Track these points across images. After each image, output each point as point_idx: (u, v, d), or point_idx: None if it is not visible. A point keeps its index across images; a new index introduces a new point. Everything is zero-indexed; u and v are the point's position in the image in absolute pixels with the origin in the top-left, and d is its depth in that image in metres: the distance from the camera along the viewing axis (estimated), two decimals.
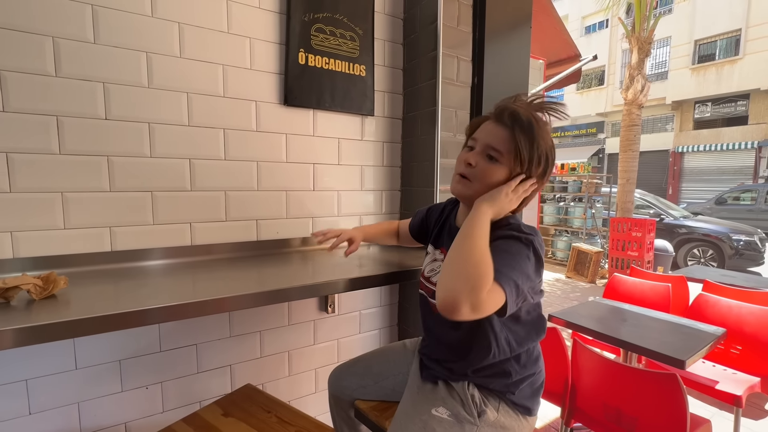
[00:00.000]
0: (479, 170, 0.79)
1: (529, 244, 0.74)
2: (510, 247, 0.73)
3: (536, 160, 0.78)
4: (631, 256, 4.95)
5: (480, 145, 0.80)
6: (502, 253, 0.71)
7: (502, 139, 0.77)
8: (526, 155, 0.76)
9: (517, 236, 0.75)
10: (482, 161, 0.79)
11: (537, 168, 0.79)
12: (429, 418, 0.82)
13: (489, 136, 0.79)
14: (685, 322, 1.66)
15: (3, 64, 0.98)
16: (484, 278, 0.63)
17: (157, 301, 0.83)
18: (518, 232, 0.75)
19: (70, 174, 1.08)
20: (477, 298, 0.62)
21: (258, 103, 1.35)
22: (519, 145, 0.76)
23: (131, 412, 1.20)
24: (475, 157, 0.79)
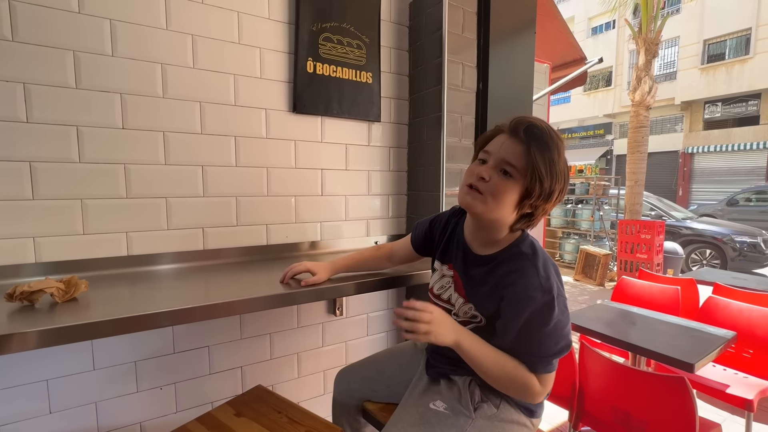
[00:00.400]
0: (492, 185, 0.76)
1: (552, 302, 0.74)
2: (539, 325, 0.74)
3: (554, 178, 0.74)
4: (640, 258, 4.90)
5: (494, 159, 0.77)
6: (535, 336, 0.75)
7: (518, 155, 0.74)
8: (543, 172, 0.72)
9: (539, 300, 0.74)
10: (496, 176, 0.76)
11: (554, 185, 0.75)
12: (425, 410, 0.85)
13: (503, 151, 0.76)
14: (694, 325, 1.65)
15: (28, 77, 1.03)
16: (527, 386, 0.76)
17: (171, 304, 0.86)
18: (540, 292, 0.74)
19: (89, 181, 1.12)
20: (538, 393, 0.76)
21: (268, 111, 1.38)
22: (535, 161, 0.72)
23: (146, 411, 1.23)
24: (488, 171, 0.76)
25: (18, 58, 1.02)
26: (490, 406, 0.85)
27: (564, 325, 0.75)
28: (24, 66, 1.02)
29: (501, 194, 0.75)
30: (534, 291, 0.74)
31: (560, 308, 0.74)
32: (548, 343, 0.74)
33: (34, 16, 1.03)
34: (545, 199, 0.75)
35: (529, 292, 0.74)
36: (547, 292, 0.73)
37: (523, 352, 0.76)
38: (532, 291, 0.74)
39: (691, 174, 13.70)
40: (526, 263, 0.77)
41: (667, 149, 14.00)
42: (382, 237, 1.69)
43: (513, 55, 1.59)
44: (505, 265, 0.79)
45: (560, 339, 0.75)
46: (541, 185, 0.73)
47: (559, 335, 0.75)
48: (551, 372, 0.76)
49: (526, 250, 0.79)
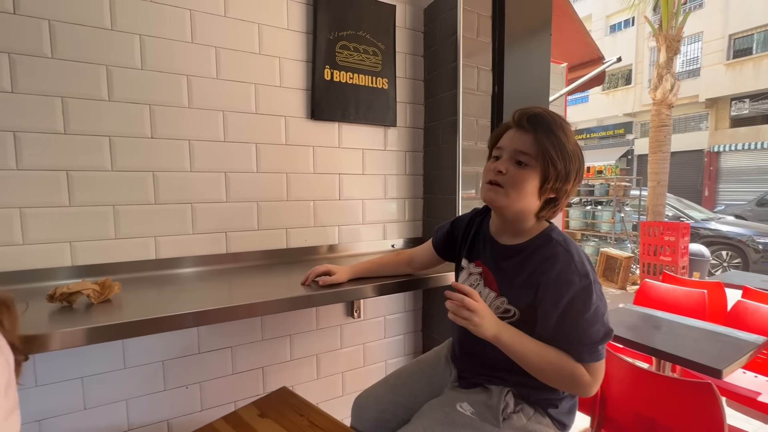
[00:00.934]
0: (510, 176, 0.78)
1: (589, 287, 0.74)
2: (580, 312, 0.74)
3: (567, 159, 0.77)
4: (664, 261, 4.75)
5: (507, 152, 0.80)
6: (577, 324, 0.74)
7: (528, 143, 0.77)
8: (554, 155, 0.76)
9: (578, 285, 0.74)
10: (512, 167, 0.79)
11: (568, 166, 0.77)
12: (452, 411, 0.84)
13: (514, 143, 0.79)
14: (722, 330, 1.60)
15: (65, 91, 1.10)
16: (574, 375, 0.73)
17: (197, 306, 0.90)
18: (576, 276, 0.75)
19: (120, 188, 1.18)
20: (588, 384, 0.73)
21: (287, 118, 1.42)
22: (545, 146, 0.76)
23: (173, 409, 1.28)
24: (504, 164, 0.79)
25: (56, 74, 1.08)
26: (521, 417, 0.83)
27: (603, 311, 0.75)
28: (62, 81, 1.09)
29: (520, 183, 0.78)
30: (572, 275, 0.74)
31: (597, 294, 0.75)
32: (591, 330, 0.74)
33: (71, 34, 1.09)
34: (564, 181, 0.78)
35: (567, 276, 0.74)
36: (584, 276, 0.74)
37: (566, 341, 0.75)
38: (570, 275, 0.74)
39: (718, 173, 13.19)
40: (560, 249, 0.78)
41: (692, 148, 13.53)
42: (399, 240, 1.70)
43: (528, 57, 1.58)
44: (539, 253, 0.79)
45: (602, 325, 0.74)
46: (555, 168, 0.76)
47: (600, 321, 0.74)
48: (599, 360, 0.74)
49: (557, 237, 0.81)
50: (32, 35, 1.05)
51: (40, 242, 1.10)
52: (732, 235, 5.57)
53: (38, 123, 1.08)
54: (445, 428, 0.81)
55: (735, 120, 12.89)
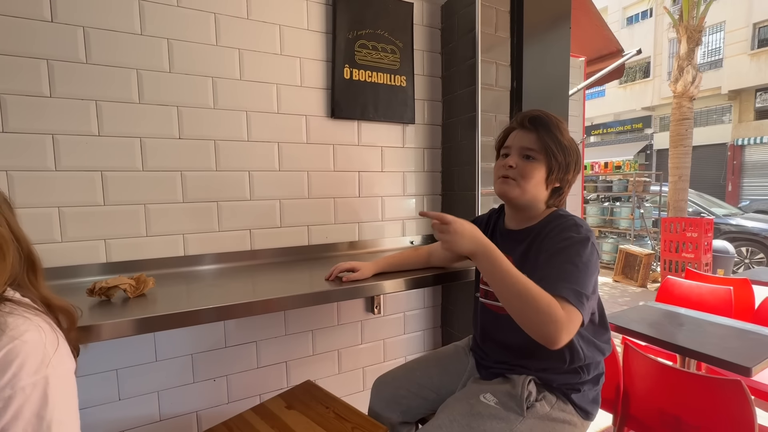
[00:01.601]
0: (520, 170, 0.88)
1: (587, 241, 0.79)
2: (573, 256, 0.77)
3: (566, 152, 0.87)
4: (687, 258, 4.63)
5: (515, 149, 0.90)
6: (567, 265, 0.76)
7: (532, 140, 0.88)
8: (555, 149, 0.86)
9: (576, 237, 0.79)
10: (521, 162, 0.88)
11: (568, 158, 0.88)
12: (476, 402, 0.86)
13: (520, 141, 0.89)
14: (751, 327, 1.56)
15: (99, 95, 1.15)
16: (551, 307, 0.71)
17: (225, 300, 0.93)
18: (575, 232, 0.80)
19: (150, 187, 1.23)
20: (563, 324, 0.70)
21: (308, 117, 1.45)
22: (546, 142, 0.86)
23: (202, 401, 1.32)
24: (514, 159, 0.89)
25: (91, 78, 1.13)
26: (544, 405, 0.85)
27: (594, 269, 0.77)
28: (96, 85, 1.14)
29: (530, 174, 0.87)
30: (569, 231, 0.81)
31: (594, 253, 0.78)
32: (578, 275, 0.74)
33: (104, 40, 1.14)
34: (565, 171, 0.88)
35: (566, 233, 0.81)
36: (583, 234, 0.80)
37: (550, 278, 0.75)
38: (568, 232, 0.81)
39: (742, 168, 12.74)
40: (563, 220, 0.85)
41: (714, 142, 13.10)
42: (417, 237, 1.71)
43: (547, 52, 1.57)
44: (546, 228, 0.86)
45: (589, 282, 0.75)
46: (557, 160, 0.87)
47: (589, 279, 0.76)
48: (577, 307, 0.72)
49: (563, 213, 0.89)
50: (69, 42, 1.10)
51: (77, 239, 1.15)
52: (756, 230, 5.36)
53: (75, 126, 1.13)
54: (470, 419, 0.83)
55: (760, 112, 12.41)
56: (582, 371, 0.87)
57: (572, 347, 0.84)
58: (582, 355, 0.85)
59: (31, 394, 0.47)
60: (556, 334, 0.69)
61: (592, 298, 0.76)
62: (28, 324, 0.50)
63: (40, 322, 0.52)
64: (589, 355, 0.86)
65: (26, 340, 0.48)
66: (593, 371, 0.89)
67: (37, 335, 0.50)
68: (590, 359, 0.86)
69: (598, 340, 0.89)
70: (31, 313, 0.52)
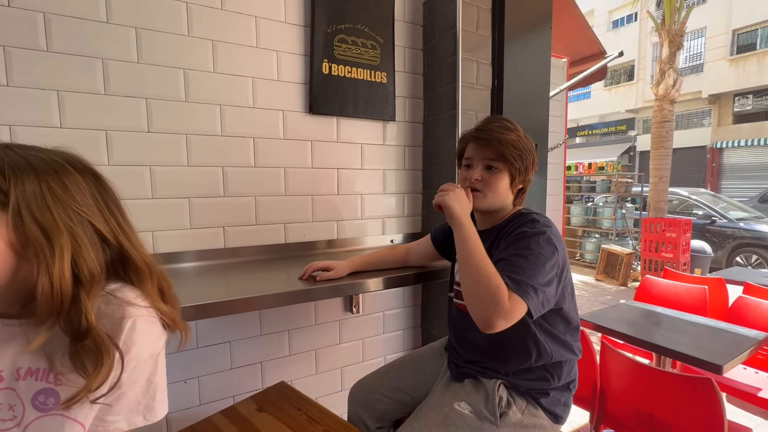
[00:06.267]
0: (486, 181, 0.90)
1: (540, 234, 0.80)
2: (521, 249, 0.79)
3: (523, 157, 0.90)
4: (666, 257, 4.74)
5: (476, 161, 0.92)
6: (515, 258, 0.77)
7: (492, 153, 0.90)
8: (514, 156, 0.89)
9: (529, 232, 0.81)
10: (485, 174, 0.91)
11: (526, 162, 0.91)
12: (450, 411, 0.85)
13: (479, 153, 0.91)
14: (723, 326, 1.59)
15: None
16: (499, 290, 0.72)
17: (195, 300, 0.90)
18: (530, 227, 0.82)
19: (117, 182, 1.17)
20: (503, 310, 0.71)
21: (285, 112, 1.41)
22: (506, 151, 0.88)
23: (171, 403, 1.26)
24: (479, 172, 0.91)
25: (49, 67, 1.08)
26: (516, 411, 0.85)
27: (545, 260, 0.77)
28: (56, 74, 1.08)
29: (495, 185, 0.90)
30: (524, 227, 0.84)
31: (546, 244, 0.79)
32: (525, 267, 0.76)
33: (66, 27, 1.08)
34: (525, 173, 0.92)
35: (520, 229, 0.84)
36: (537, 228, 0.82)
37: (501, 269, 0.77)
38: (523, 227, 0.84)
39: (720, 170, 13.13)
40: (522, 218, 0.89)
41: (694, 144, 13.46)
42: (398, 235, 1.70)
43: (529, 51, 1.57)
44: (507, 227, 0.90)
45: (539, 272, 0.76)
46: (516, 167, 0.90)
47: (539, 268, 0.76)
48: (523, 300, 0.73)
49: (524, 211, 0.92)
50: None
51: None
52: None
53: (31, 117, 1.07)
54: (444, 429, 0.82)
55: (738, 116, 12.81)
56: (551, 376, 0.86)
57: (537, 342, 0.84)
58: (548, 351, 0.84)
59: (147, 363, 0.55)
60: (494, 316, 0.71)
61: (543, 291, 0.76)
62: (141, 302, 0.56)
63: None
64: (556, 352, 0.85)
65: (148, 318, 0.55)
66: (564, 377, 0.88)
67: (151, 311, 0.57)
68: (557, 356, 0.86)
69: (566, 337, 0.88)
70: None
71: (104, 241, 0.55)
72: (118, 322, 0.52)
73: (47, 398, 0.50)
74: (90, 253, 0.51)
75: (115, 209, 0.58)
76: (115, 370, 0.50)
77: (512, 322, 0.73)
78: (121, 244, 0.56)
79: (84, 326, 0.49)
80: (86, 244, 0.51)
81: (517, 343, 0.85)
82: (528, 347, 0.85)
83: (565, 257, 0.83)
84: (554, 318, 0.86)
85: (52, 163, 0.52)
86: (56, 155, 0.54)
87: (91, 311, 0.49)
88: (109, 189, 0.59)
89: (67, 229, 0.50)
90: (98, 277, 0.52)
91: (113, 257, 0.56)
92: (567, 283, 0.85)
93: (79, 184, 0.54)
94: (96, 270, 0.52)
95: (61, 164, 0.53)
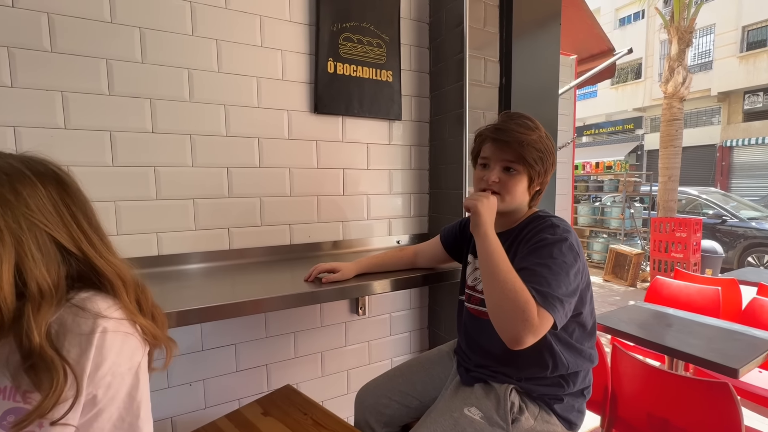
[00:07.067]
0: (503, 183, 0.87)
1: (562, 242, 0.77)
2: (545, 258, 0.75)
3: (544, 159, 0.86)
4: (676, 257, 4.67)
5: (494, 162, 0.88)
6: (538, 267, 0.74)
7: (510, 154, 0.86)
8: (535, 158, 0.85)
9: (550, 239, 0.77)
10: (504, 175, 0.87)
11: (546, 164, 0.87)
12: (460, 416, 0.83)
13: (498, 154, 0.88)
14: (738, 328, 1.55)
15: (64, 85, 1.09)
16: (528, 306, 0.69)
17: (200, 302, 0.89)
18: (551, 233, 0.78)
19: (121, 184, 1.17)
20: (533, 326, 0.69)
21: (290, 112, 1.40)
22: (526, 153, 0.84)
23: (177, 407, 1.27)
24: (497, 174, 0.87)
25: (53, 67, 1.07)
26: (528, 418, 0.82)
27: (569, 269, 0.75)
28: (60, 75, 1.08)
29: (514, 188, 0.87)
30: (544, 233, 0.81)
31: (568, 252, 0.77)
32: (549, 277, 0.73)
33: (71, 27, 1.08)
34: (544, 175, 0.89)
35: (541, 235, 0.81)
36: (558, 234, 0.79)
37: (525, 280, 0.74)
38: (543, 233, 0.81)
39: (730, 168, 12.93)
40: (540, 221, 0.85)
41: (703, 143, 13.27)
42: (404, 236, 1.67)
43: (537, 49, 1.54)
44: (524, 231, 0.87)
45: (563, 282, 0.73)
46: (535, 169, 0.86)
47: (563, 278, 0.74)
48: (550, 314, 0.71)
49: (544, 214, 0.89)
50: (33, 29, 1.04)
51: None
52: None
53: (34, 118, 1.06)
54: None
55: (748, 114, 12.60)
56: (566, 383, 0.84)
57: (553, 353, 0.81)
58: (565, 362, 0.82)
59: (125, 377, 0.52)
60: (523, 333, 0.69)
61: (568, 302, 0.73)
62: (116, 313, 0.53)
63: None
64: (572, 362, 0.83)
65: (120, 329, 0.52)
66: (579, 384, 0.86)
67: (128, 323, 0.54)
68: (573, 367, 0.83)
69: (582, 346, 0.86)
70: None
71: (66, 252, 0.51)
72: (87, 337, 0.48)
73: (16, 417, 0.47)
74: (40, 267, 0.48)
75: (81, 216, 0.54)
76: (69, 389, 0.46)
77: (540, 337, 0.71)
78: (86, 254, 0.52)
79: (26, 345, 0.45)
80: (36, 256, 0.48)
81: (532, 353, 0.82)
82: (544, 358, 0.82)
83: (584, 261, 0.81)
84: (570, 324, 0.83)
85: (5, 167, 0.49)
86: (15, 159, 0.51)
87: (36, 329, 0.45)
88: (76, 194, 0.55)
89: (12, 237, 0.47)
90: (49, 293, 0.48)
91: (81, 268, 0.52)
92: (586, 286, 0.83)
93: (36, 189, 0.50)
94: (46, 285, 0.48)
95: (17, 168, 0.50)
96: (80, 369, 0.47)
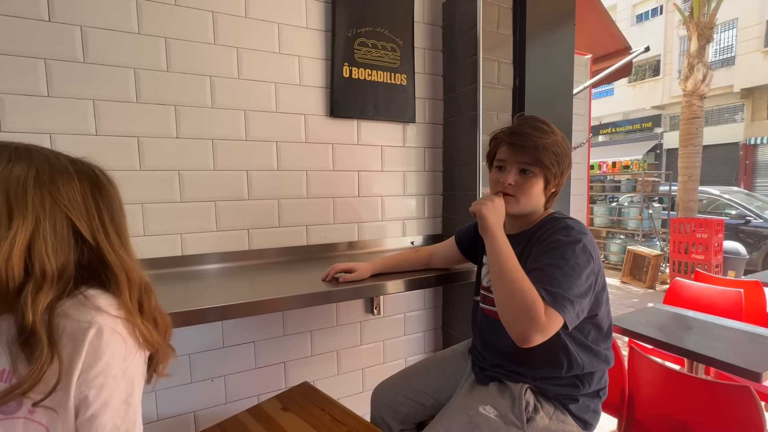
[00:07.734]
0: (518, 186, 0.88)
1: (576, 243, 0.77)
2: (557, 259, 0.76)
3: (560, 161, 0.87)
4: (696, 259, 4.54)
5: (510, 164, 0.89)
6: (549, 268, 0.75)
7: (526, 157, 0.86)
8: (552, 161, 0.85)
9: (564, 240, 0.78)
10: (519, 178, 0.88)
11: (562, 166, 0.88)
12: (475, 414, 0.84)
13: (514, 157, 0.88)
14: (762, 331, 1.51)
15: (97, 94, 1.15)
16: (534, 305, 0.71)
17: (222, 300, 0.92)
18: (564, 234, 0.78)
19: (146, 187, 1.22)
20: (540, 324, 0.70)
21: (306, 116, 1.44)
22: (542, 156, 0.85)
23: (199, 401, 1.32)
24: (513, 176, 0.88)
25: (87, 78, 1.13)
26: (543, 417, 0.83)
27: (581, 270, 0.75)
28: (92, 84, 1.14)
29: (529, 190, 0.87)
30: (558, 234, 0.81)
31: (582, 253, 0.77)
32: (563, 280, 0.74)
33: (101, 39, 1.14)
34: (560, 177, 0.89)
35: (555, 236, 0.81)
36: (572, 236, 0.80)
37: (532, 280, 0.75)
38: (557, 235, 0.81)
39: (755, 167, 12.49)
40: (555, 223, 0.86)
41: (726, 141, 12.85)
42: (418, 237, 1.69)
43: (551, 49, 1.54)
44: (539, 232, 0.87)
45: (575, 283, 0.74)
46: (552, 171, 0.87)
47: (575, 279, 0.74)
48: (559, 313, 0.72)
49: (559, 216, 0.90)
50: (66, 41, 1.10)
51: None
52: None
53: (70, 125, 1.12)
54: None
55: None
56: (581, 383, 0.84)
57: (568, 354, 0.82)
58: (580, 362, 0.82)
59: (119, 381, 0.50)
60: (531, 331, 0.70)
61: (579, 302, 0.74)
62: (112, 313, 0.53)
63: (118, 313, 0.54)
64: (588, 363, 0.83)
65: (116, 329, 0.51)
66: (595, 384, 0.86)
67: (124, 323, 0.53)
68: (589, 367, 0.83)
69: (598, 347, 0.86)
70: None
71: (81, 240, 0.53)
72: (83, 331, 0.49)
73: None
74: (49, 250, 0.49)
75: (105, 212, 0.56)
76: (51, 373, 0.46)
77: (548, 336, 0.72)
78: (99, 245, 0.53)
79: (20, 321, 0.47)
80: (48, 238, 0.49)
81: (547, 353, 0.83)
82: (559, 358, 0.83)
83: (599, 263, 0.81)
84: (586, 325, 0.84)
85: (52, 159, 0.53)
86: (65, 158, 0.55)
87: (32, 307, 0.47)
88: (108, 193, 0.58)
89: (34, 218, 0.49)
90: (51, 276, 0.49)
91: (91, 258, 0.53)
92: (602, 288, 0.83)
93: (72, 181, 0.53)
94: (50, 268, 0.49)
95: (62, 163, 0.53)
96: (68, 357, 0.48)
